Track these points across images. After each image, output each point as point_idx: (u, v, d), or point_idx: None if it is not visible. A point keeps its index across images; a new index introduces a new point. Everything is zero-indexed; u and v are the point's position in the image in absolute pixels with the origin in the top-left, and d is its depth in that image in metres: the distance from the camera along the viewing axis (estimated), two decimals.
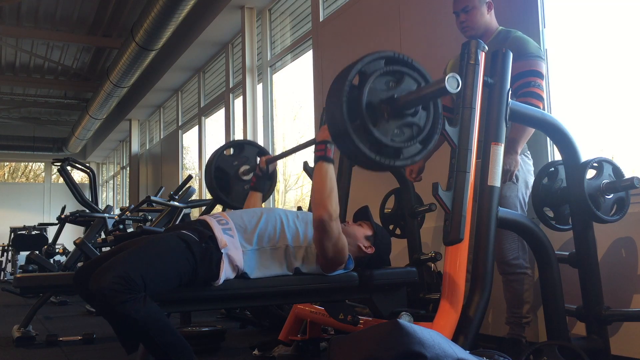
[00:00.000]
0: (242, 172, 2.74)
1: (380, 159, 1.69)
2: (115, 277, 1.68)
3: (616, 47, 2.86)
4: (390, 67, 1.73)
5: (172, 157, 9.31)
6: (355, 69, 1.68)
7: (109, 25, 8.63)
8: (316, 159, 2.04)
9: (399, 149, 1.71)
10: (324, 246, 2.00)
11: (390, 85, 1.72)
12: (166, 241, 1.88)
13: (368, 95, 1.67)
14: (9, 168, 17.31)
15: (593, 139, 2.94)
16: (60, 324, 4.42)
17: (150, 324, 1.71)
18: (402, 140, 1.71)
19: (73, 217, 6.67)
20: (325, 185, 1.98)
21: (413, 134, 1.74)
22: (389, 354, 1.49)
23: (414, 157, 1.76)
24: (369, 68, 1.70)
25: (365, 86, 1.67)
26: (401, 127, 1.72)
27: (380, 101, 1.69)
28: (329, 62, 4.69)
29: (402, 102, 1.68)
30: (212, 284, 1.90)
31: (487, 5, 2.62)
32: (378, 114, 1.68)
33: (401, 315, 2.04)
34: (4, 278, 10.94)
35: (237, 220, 2.05)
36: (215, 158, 2.72)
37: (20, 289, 3.58)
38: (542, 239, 2.16)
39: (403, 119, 1.72)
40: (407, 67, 1.75)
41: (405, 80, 1.73)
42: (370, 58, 1.71)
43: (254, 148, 2.82)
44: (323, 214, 1.96)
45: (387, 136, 1.68)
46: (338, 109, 1.64)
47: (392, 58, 1.74)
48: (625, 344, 2.39)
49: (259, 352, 2.78)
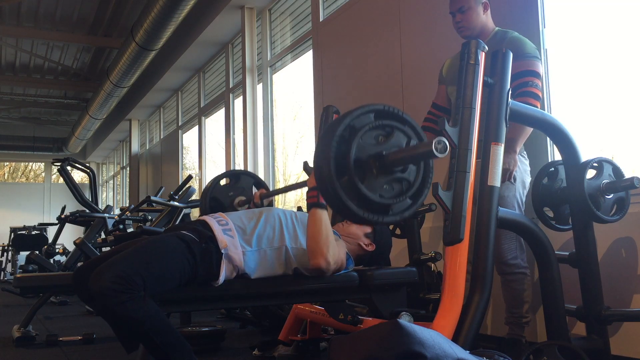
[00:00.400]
0: (237, 203, 2.70)
1: (369, 215, 1.65)
2: (114, 276, 1.68)
3: (616, 47, 2.86)
4: (380, 122, 1.69)
5: (172, 157, 9.31)
6: (344, 123, 1.65)
7: (109, 25, 8.63)
8: (309, 206, 2.04)
9: (388, 205, 1.68)
10: (322, 274, 2.04)
11: (379, 140, 1.68)
12: (166, 241, 1.88)
13: (357, 151, 1.63)
14: (9, 168, 17.32)
15: (593, 139, 2.94)
16: (60, 324, 4.42)
17: (150, 324, 1.71)
18: (391, 196, 1.68)
19: (73, 217, 6.67)
20: (320, 233, 1.98)
21: (403, 189, 1.70)
22: (389, 354, 1.49)
23: (403, 213, 1.72)
24: (358, 122, 1.66)
25: (353, 142, 1.63)
26: (390, 183, 1.68)
27: (368, 157, 1.65)
28: (329, 62, 4.69)
29: (391, 159, 1.66)
30: (211, 284, 1.90)
31: (483, 5, 2.62)
32: (366, 170, 1.65)
33: (401, 315, 2.04)
34: (4, 278, 10.94)
35: (237, 221, 2.06)
36: (210, 188, 2.70)
37: (20, 289, 3.58)
38: (542, 239, 2.16)
39: (392, 174, 1.68)
40: (397, 121, 1.71)
41: (395, 135, 1.70)
42: (359, 112, 1.68)
43: (250, 179, 2.79)
44: (321, 261, 1.97)
45: (375, 193, 1.64)
46: (326, 165, 1.61)
47: (382, 111, 1.71)
48: (625, 344, 2.39)
49: (259, 352, 2.78)
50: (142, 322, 1.69)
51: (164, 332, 1.74)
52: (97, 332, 3.59)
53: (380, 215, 1.68)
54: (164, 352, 1.75)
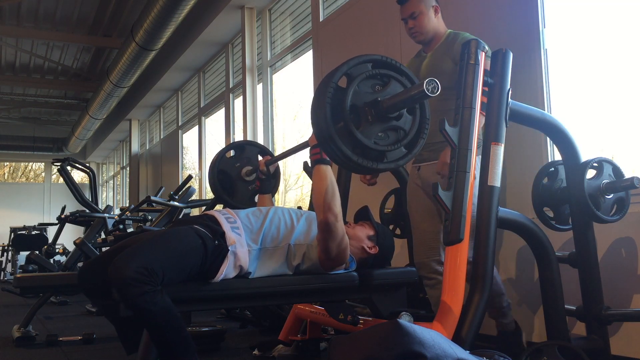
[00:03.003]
0: (244, 173, 2.75)
1: (363, 161, 1.67)
2: (139, 266, 1.68)
3: (616, 47, 2.86)
4: (377, 71, 1.71)
5: (172, 157, 9.31)
6: (340, 71, 1.67)
7: (109, 25, 8.63)
8: (313, 163, 2.04)
9: (383, 152, 1.70)
10: (328, 247, 2.01)
11: (376, 89, 1.71)
12: (185, 235, 1.89)
13: (352, 97, 1.66)
14: (9, 168, 17.31)
15: (593, 139, 2.94)
16: (60, 324, 4.42)
17: (163, 318, 1.71)
18: (386, 144, 1.70)
19: (73, 217, 6.67)
20: (326, 188, 1.98)
21: (398, 137, 1.72)
22: (389, 354, 1.49)
23: (398, 161, 1.74)
24: (355, 71, 1.69)
25: (349, 88, 1.65)
26: (386, 131, 1.71)
27: (364, 104, 1.68)
28: (329, 62, 4.69)
29: (386, 105, 1.67)
30: (210, 280, 1.90)
31: (434, 9, 2.65)
32: (362, 117, 1.67)
33: (401, 315, 2.04)
34: (4, 278, 10.93)
35: (244, 219, 2.07)
36: (217, 161, 2.73)
37: (20, 289, 3.58)
38: (542, 239, 2.16)
39: (387, 122, 1.71)
40: (394, 71, 1.73)
41: (391, 84, 1.72)
42: (356, 61, 1.70)
43: (254, 148, 2.83)
44: (328, 216, 1.96)
45: (370, 139, 1.67)
46: (322, 111, 1.63)
47: (380, 61, 1.73)
48: (625, 344, 2.39)
49: (259, 352, 2.78)
50: (156, 315, 1.70)
51: (174, 328, 1.74)
52: (97, 332, 3.59)
53: (375, 162, 1.71)
54: (170, 348, 1.76)
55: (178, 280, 1.83)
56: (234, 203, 2.74)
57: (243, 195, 2.77)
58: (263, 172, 2.59)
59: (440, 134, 1.97)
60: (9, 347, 3.41)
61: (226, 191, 2.75)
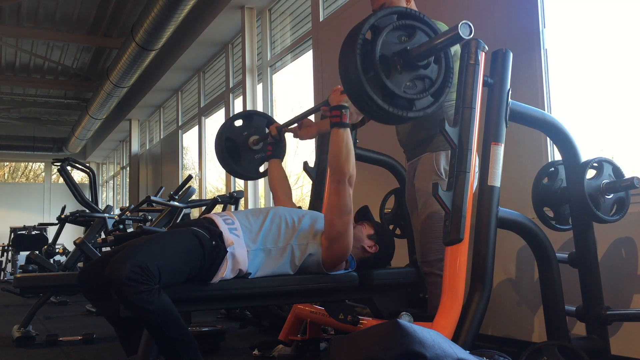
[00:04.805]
0: (252, 141, 2.78)
1: (394, 109, 1.72)
2: (134, 265, 1.69)
3: (616, 47, 2.86)
4: (403, 22, 1.76)
5: (172, 157, 9.31)
6: (368, 23, 1.71)
7: (109, 25, 8.63)
8: (332, 125, 2.06)
9: (412, 100, 1.75)
10: (333, 220, 2.04)
11: (402, 40, 1.76)
12: (182, 236, 1.90)
13: (381, 47, 1.70)
14: (9, 168, 17.31)
15: (593, 139, 2.94)
16: (60, 324, 4.42)
17: (162, 317, 1.72)
18: (414, 92, 1.75)
19: (73, 217, 6.67)
20: (342, 150, 2.02)
21: (425, 86, 1.78)
22: (389, 354, 1.49)
23: (426, 109, 1.80)
24: (382, 22, 1.74)
25: (378, 39, 1.70)
26: (413, 80, 1.76)
27: (393, 54, 1.73)
28: (328, 62, 4.69)
29: (415, 54, 1.72)
30: (208, 281, 1.90)
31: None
32: (391, 66, 1.72)
33: (401, 315, 2.04)
34: (4, 278, 10.94)
35: (243, 220, 2.06)
36: (225, 129, 2.76)
37: (20, 289, 3.57)
38: (542, 239, 2.16)
39: (415, 71, 1.76)
40: (420, 22, 1.79)
41: (417, 35, 1.78)
42: (382, 13, 1.75)
43: (262, 118, 2.87)
44: (338, 175, 2.02)
45: (399, 87, 1.72)
46: (352, 61, 1.67)
47: (405, 13, 1.78)
48: (625, 344, 2.39)
49: (259, 352, 2.78)
50: (154, 314, 1.70)
51: (174, 326, 1.75)
52: (97, 332, 3.59)
53: (405, 110, 1.75)
54: (172, 347, 1.76)
55: (177, 281, 1.83)
56: (240, 170, 2.78)
57: (249, 163, 2.81)
58: (274, 137, 2.62)
59: (440, 133, 1.97)
60: (9, 347, 3.41)
61: (232, 159, 2.77)
